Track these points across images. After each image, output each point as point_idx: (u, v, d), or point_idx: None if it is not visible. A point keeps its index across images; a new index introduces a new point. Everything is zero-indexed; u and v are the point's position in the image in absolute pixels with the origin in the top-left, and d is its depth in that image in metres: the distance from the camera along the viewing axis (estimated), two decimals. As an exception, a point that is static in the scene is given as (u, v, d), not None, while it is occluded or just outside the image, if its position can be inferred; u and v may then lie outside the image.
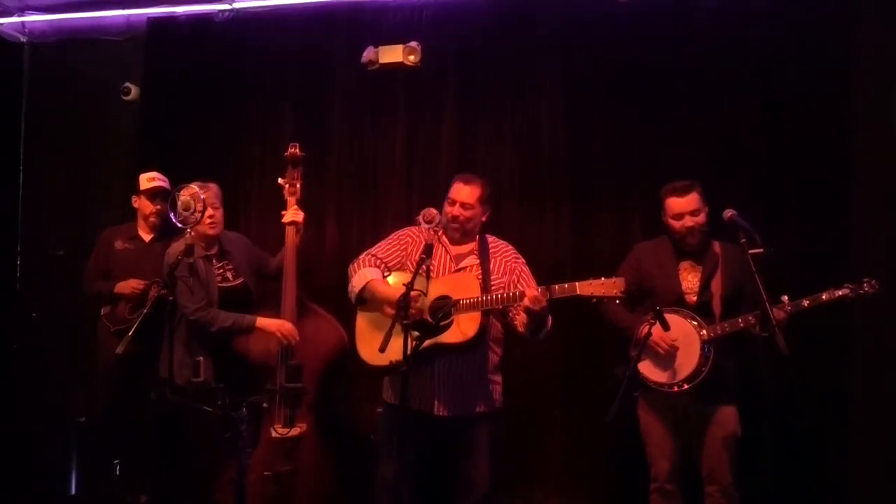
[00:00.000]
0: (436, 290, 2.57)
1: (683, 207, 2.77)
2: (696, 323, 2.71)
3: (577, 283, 2.44)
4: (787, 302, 2.62)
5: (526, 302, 2.42)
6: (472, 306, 2.53)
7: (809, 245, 3.20)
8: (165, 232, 3.61)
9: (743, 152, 3.35)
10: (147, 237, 3.66)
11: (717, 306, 2.75)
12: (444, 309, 2.50)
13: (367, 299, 2.69)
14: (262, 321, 3.12)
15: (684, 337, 2.70)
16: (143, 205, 3.64)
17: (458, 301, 2.52)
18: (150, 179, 3.63)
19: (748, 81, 3.36)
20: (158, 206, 3.60)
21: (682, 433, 2.82)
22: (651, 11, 3.43)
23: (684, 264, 2.83)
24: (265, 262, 3.42)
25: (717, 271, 2.78)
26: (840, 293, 2.64)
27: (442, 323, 2.53)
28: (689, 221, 2.77)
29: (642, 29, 3.46)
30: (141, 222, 3.67)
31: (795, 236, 3.21)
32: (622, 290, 2.38)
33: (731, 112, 3.38)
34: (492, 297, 2.54)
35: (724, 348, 2.72)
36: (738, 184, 3.31)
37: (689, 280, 2.81)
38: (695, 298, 2.78)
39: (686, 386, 2.69)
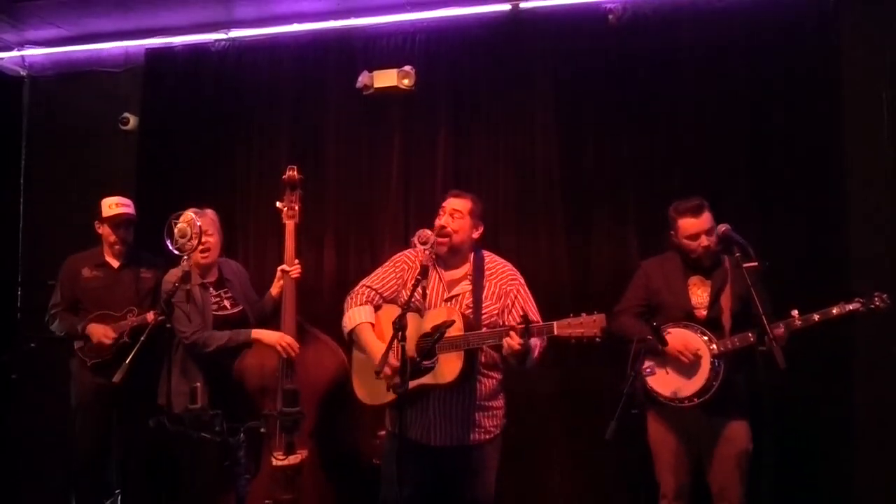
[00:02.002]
0: (428, 323, 2.50)
1: (699, 228, 2.76)
2: (706, 338, 2.70)
3: (554, 323, 2.40)
4: (797, 316, 2.60)
5: (505, 347, 2.41)
6: (453, 346, 2.47)
7: (805, 257, 3.20)
8: (133, 257, 3.53)
9: (735, 166, 3.37)
10: (115, 263, 3.50)
11: (726, 321, 2.74)
12: (428, 349, 2.43)
13: (355, 342, 2.68)
14: (260, 333, 3.12)
15: (699, 349, 2.68)
16: (106, 232, 3.47)
17: (439, 340, 2.40)
18: (113, 206, 3.48)
19: (738, 96, 3.39)
20: (123, 234, 3.46)
21: (693, 448, 2.80)
22: (641, 31, 3.48)
23: (693, 279, 2.83)
24: (261, 306, 3.40)
25: (727, 286, 2.76)
26: (851, 307, 2.60)
27: (426, 363, 2.48)
28: (704, 241, 2.76)
29: (632, 48, 3.50)
30: (107, 248, 3.51)
31: (790, 248, 3.21)
32: (603, 327, 2.33)
33: (723, 128, 3.39)
34: (473, 336, 2.48)
35: (734, 362, 2.70)
36: (732, 198, 3.31)
37: (699, 295, 2.81)
38: (704, 313, 2.77)
39: (696, 400, 2.68)
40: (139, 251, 3.59)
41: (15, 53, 4.41)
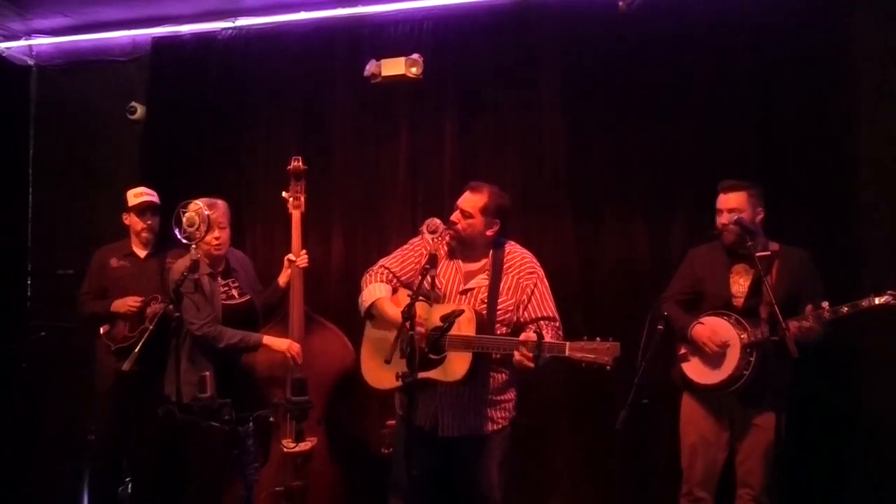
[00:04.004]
0: (437, 316, 2.45)
1: (723, 204, 2.77)
2: (737, 326, 2.68)
3: (567, 344, 2.36)
4: (826, 308, 2.56)
5: (515, 360, 2.38)
6: (463, 346, 2.44)
7: (815, 248, 3.15)
8: (160, 247, 3.59)
9: (745, 156, 3.32)
10: (142, 253, 3.60)
11: (765, 310, 2.69)
12: (438, 343, 2.40)
13: (374, 316, 2.65)
14: (270, 339, 3.12)
15: (728, 340, 2.69)
16: (133, 221, 3.58)
17: (450, 328, 2.38)
18: (137, 195, 3.58)
19: (749, 86, 3.34)
20: (149, 222, 3.56)
21: (725, 437, 2.79)
22: (650, 20, 3.41)
23: (737, 268, 2.80)
24: (268, 296, 3.40)
25: (772, 275, 2.71)
26: (880, 301, 2.53)
27: (435, 357, 2.46)
28: (724, 219, 2.75)
29: (641, 37, 3.45)
30: (134, 238, 3.61)
31: (800, 239, 3.17)
32: (615, 356, 2.30)
33: (733, 117, 3.35)
34: (485, 340, 2.44)
35: (772, 353, 2.65)
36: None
37: (740, 283, 2.78)
38: (741, 301, 2.75)
39: (727, 389, 2.68)
40: (166, 240, 3.62)
41: (22, 43, 4.41)
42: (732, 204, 2.75)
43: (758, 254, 2.54)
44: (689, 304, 2.87)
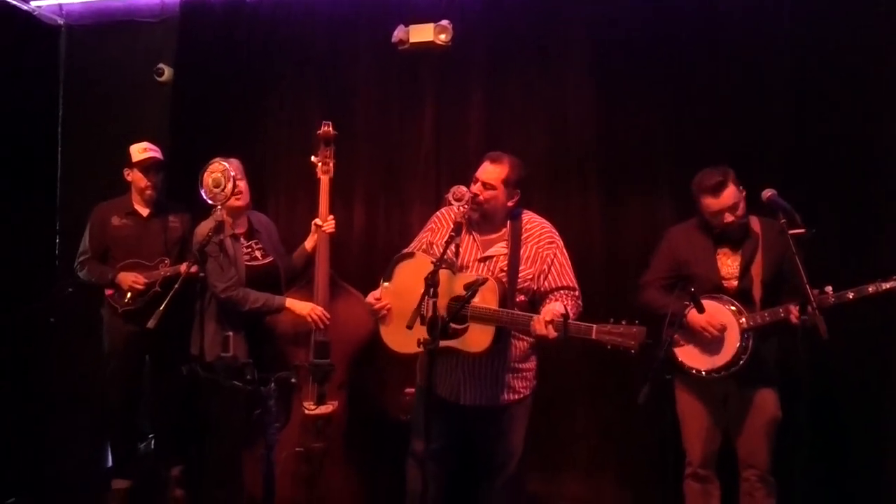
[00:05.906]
0: (459, 285, 2.46)
1: (721, 206, 2.66)
2: (735, 310, 2.63)
3: (594, 326, 2.32)
4: (830, 293, 2.50)
5: (535, 332, 2.36)
6: (486, 319, 2.43)
7: (842, 233, 3.10)
8: (162, 205, 3.55)
9: (774, 135, 3.25)
10: (145, 212, 3.53)
11: (757, 291, 2.66)
12: (459, 312, 2.39)
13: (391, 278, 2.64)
14: (293, 303, 3.13)
15: (726, 323, 2.63)
16: (136, 178, 3.49)
17: (472, 297, 2.38)
18: (142, 150, 3.49)
19: (780, 63, 3.25)
20: (153, 179, 3.48)
21: (721, 417, 2.78)
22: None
23: (723, 248, 2.75)
24: (291, 260, 3.40)
25: (758, 254, 2.68)
26: (887, 286, 2.48)
27: (457, 326, 2.45)
28: (728, 218, 2.67)
29: (674, 15, 3.38)
30: (136, 196, 3.53)
31: (827, 224, 3.08)
32: (641, 342, 2.26)
33: (762, 95, 3.27)
34: (508, 316, 2.43)
35: (764, 332, 2.64)
36: (769, 168, 3.20)
37: (728, 265, 2.73)
38: (735, 283, 2.69)
39: (724, 373, 2.64)
40: (166, 199, 3.61)
41: (52, 1, 4.40)
42: (731, 199, 2.65)
43: (790, 231, 2.48)
44: (671, 289, 2.79)
